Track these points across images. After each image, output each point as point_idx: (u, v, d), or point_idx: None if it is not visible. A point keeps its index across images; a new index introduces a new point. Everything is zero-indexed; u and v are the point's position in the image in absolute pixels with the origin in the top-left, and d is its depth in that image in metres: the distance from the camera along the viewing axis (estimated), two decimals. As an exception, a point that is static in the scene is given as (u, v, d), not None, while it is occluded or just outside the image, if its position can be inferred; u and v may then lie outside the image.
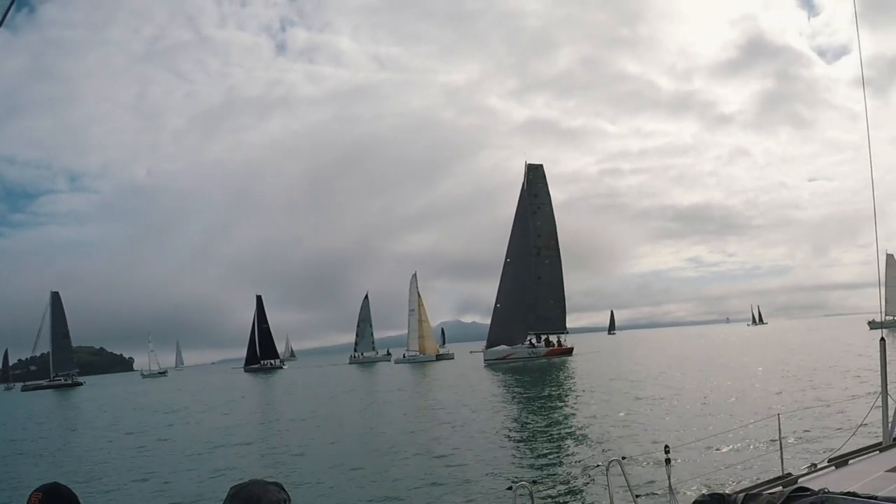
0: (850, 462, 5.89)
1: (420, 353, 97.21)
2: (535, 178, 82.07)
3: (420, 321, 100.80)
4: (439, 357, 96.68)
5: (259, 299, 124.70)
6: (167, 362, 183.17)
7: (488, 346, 75.94)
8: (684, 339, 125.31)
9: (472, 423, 24.26)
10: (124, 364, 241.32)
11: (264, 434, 28.19)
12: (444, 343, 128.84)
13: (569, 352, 75.07)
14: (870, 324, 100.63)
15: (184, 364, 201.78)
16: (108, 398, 68.39)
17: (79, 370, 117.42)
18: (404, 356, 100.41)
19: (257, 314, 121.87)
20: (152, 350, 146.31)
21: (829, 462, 5.95)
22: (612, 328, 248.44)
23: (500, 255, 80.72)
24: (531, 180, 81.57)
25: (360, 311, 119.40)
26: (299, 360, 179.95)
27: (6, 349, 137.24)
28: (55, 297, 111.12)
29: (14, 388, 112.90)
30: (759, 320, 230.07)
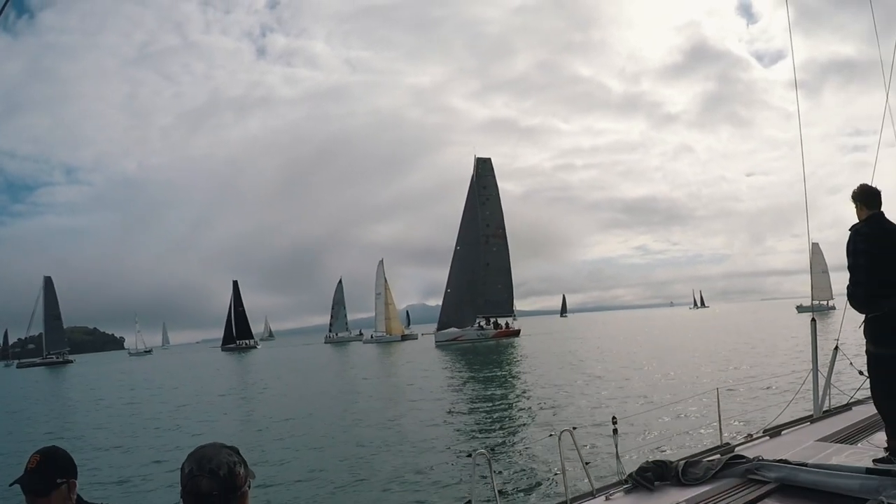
0: (782, 433, 5.99)
1: (387, 334, 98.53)
2: (484, 170, 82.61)
3: (386, 304, 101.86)
4: (404, 337, 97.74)
5: (235, 284, 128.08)
6: (154, 342, 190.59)
7: (439, 329, 76.72)
8: (630, 322, 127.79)
9: (428, 399, 24.28)
10: (116, 343, 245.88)
11: (226, 407, 28.47)
12: (409, 325, 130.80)
13: (516, 333, 76.01)
14: (798, 308, 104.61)
15: (170, 343, 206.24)
16: (92, 375, 68.78)
17: (69, 349, 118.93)
18: (372, 336, 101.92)
19: (233, 298, 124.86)
20: (139, 330, 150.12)
21: (763, 433, 6.04)
22: (563, 311, 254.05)
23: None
24: (480, 173, 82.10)
25: (335, 294, 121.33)
26: (277, 340, 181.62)
27: (6, 329, 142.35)
28: (48, 282, 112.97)
29: (12, 365, 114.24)
30: (701, 304, 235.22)
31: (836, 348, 6.88)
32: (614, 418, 5.67)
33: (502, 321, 78.94)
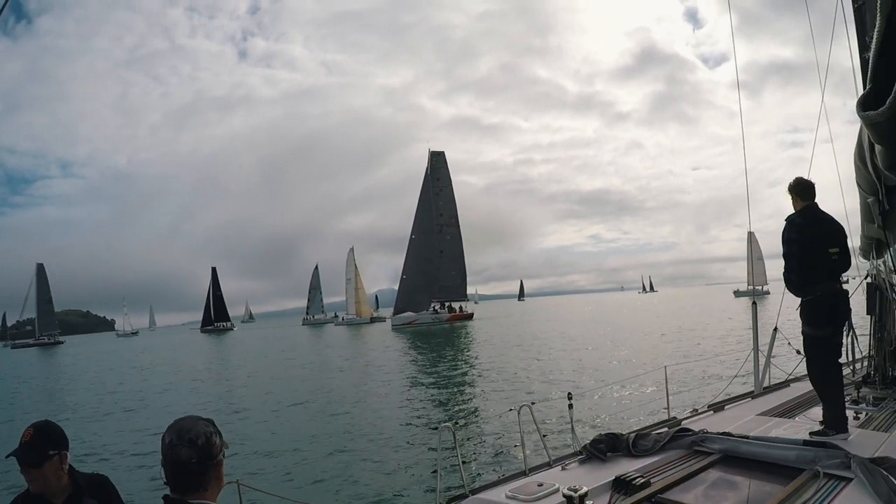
0: (725, 407, 6.07)
1: (357, 317, 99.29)
2: (438, 163, 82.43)
3: (357, 289, 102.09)
4: (373, 320, 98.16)
5: (214, 271, 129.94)
6: (142, 324, 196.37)
7: (395, 313, 77.15)
8: (583, 305, 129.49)
9: (394, 379, 24.30)
10: (107, 325, 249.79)
11: (202, 384, 28.31)
12: (377, 307, 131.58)
13: (469, 317, 76.52)
14: (735, 293, 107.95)
15: (156, 325, 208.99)
16: (79, 355, 68.94)
17: (64, 331, 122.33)
18: (343, 319, 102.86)
19: (212, 283, 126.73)
20: (126, 313, 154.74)
21: (708, 407, 6.12)
22: (521, 295, 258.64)
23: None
24: (434, 165, 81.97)
25: (311, 279, 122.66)
26: (258, 322, 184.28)
27: (4, 312, 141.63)
28: (40, 269, 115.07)
29: (9, 346, 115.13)
30: (650, 289, 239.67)
31: (776, 330, 7.00)
32: (570, 394, 5.69)
33: (456, 305, 79.32)
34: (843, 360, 5.36)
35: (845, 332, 5.94)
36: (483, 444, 11.55)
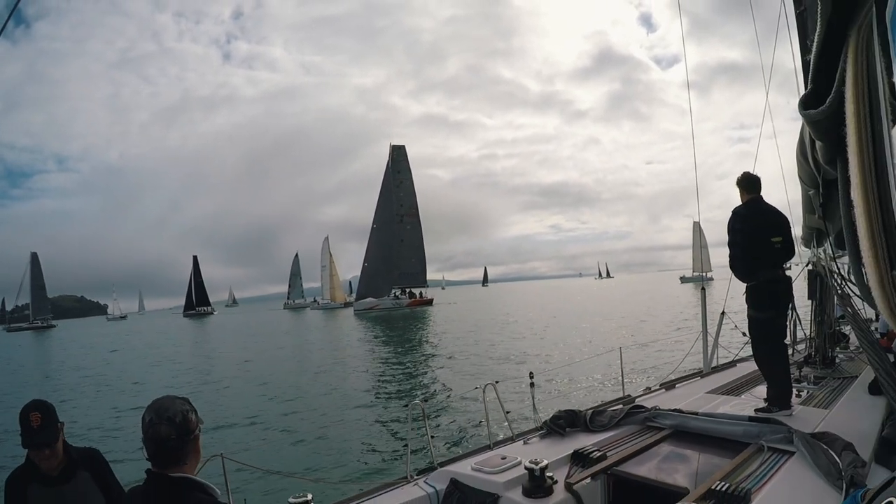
0: (676, 386, 6.14)
1: (332, 301, 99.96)
2: (399, 157, 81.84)
3: (331, 275, 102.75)
4: (346, 304, 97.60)
5: (195, 259, 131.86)
6: (132, 308, 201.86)
7: (357, 299, 77.01)
8: (544, 291, 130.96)
9: (364, 361, 24.21)
10: (100, 309, 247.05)
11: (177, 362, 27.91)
12: (351, 293, 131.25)
13: (429, 302, 76.38)
14: (681, 279, 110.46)
15: (145, 309, 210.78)
16: (68, 338, 69.14)
17: (61, 315, 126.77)
18: (318, 303, 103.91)
19: (193, 271, 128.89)
20: (115, 298, 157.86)
21: (660, 386, 6.18)
22: (485, 281, 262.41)
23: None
24: (395, 158, 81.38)
25: (292, 266, 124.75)
26: (241, 307, 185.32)
27: (3, 298, 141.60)
28: (34, 257, 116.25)
29: (4, 329, 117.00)
30: (606, 275, 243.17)
31: (723, 313, 7.11)
32: (531, 374, 5.71)
33: (417, 291, 79.19)
34: (786, 341, 5.45)
35: (789, 316, 6.06)
36: (451, 420, 11.54)
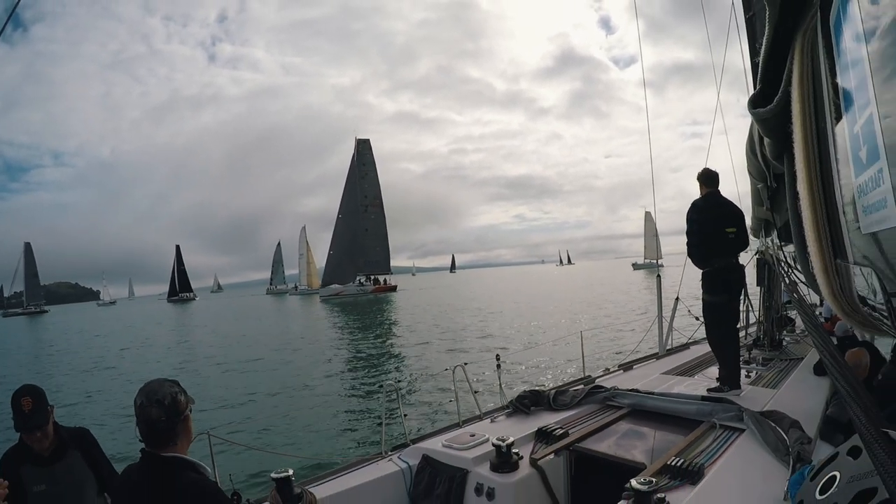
0: (634, 367, 6.20)
1: (308, 287, 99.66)
2: (364, 150, 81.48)
3: (308, 263, 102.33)
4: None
5: (178, 248, 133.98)
6: (123, 294, 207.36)
7: (323, 285, 76.75)
8: (509, 277, 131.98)
9: (331, 346, 23.98)
10: (93, 295, 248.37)
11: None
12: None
13: (393, 289, 76.09)
14: (633, 265, 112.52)
15: (135, 295, 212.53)
16: (59, 322, 69.52)
17: (45, 301, 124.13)
18: (297, 288, 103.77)
19: (176, 259, 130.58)
20: (105, 285, 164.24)
21: (618, 367, 6.23)
22: (453, 268, 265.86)
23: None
24: (360, 151, 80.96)
25: (274, 254, 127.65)
26: (225, 292, 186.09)
27: (1, 285, 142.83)
28: (27, 247, 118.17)
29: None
30: (568, 262, 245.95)
31: (678, 299, 7.20)
32: (498, 356, 5.69)
33: (381, 278, 78.88)
34: (738, 325, 5.54)
35: (742, 301, 6.18)
36: (422, 400, 11.54)
